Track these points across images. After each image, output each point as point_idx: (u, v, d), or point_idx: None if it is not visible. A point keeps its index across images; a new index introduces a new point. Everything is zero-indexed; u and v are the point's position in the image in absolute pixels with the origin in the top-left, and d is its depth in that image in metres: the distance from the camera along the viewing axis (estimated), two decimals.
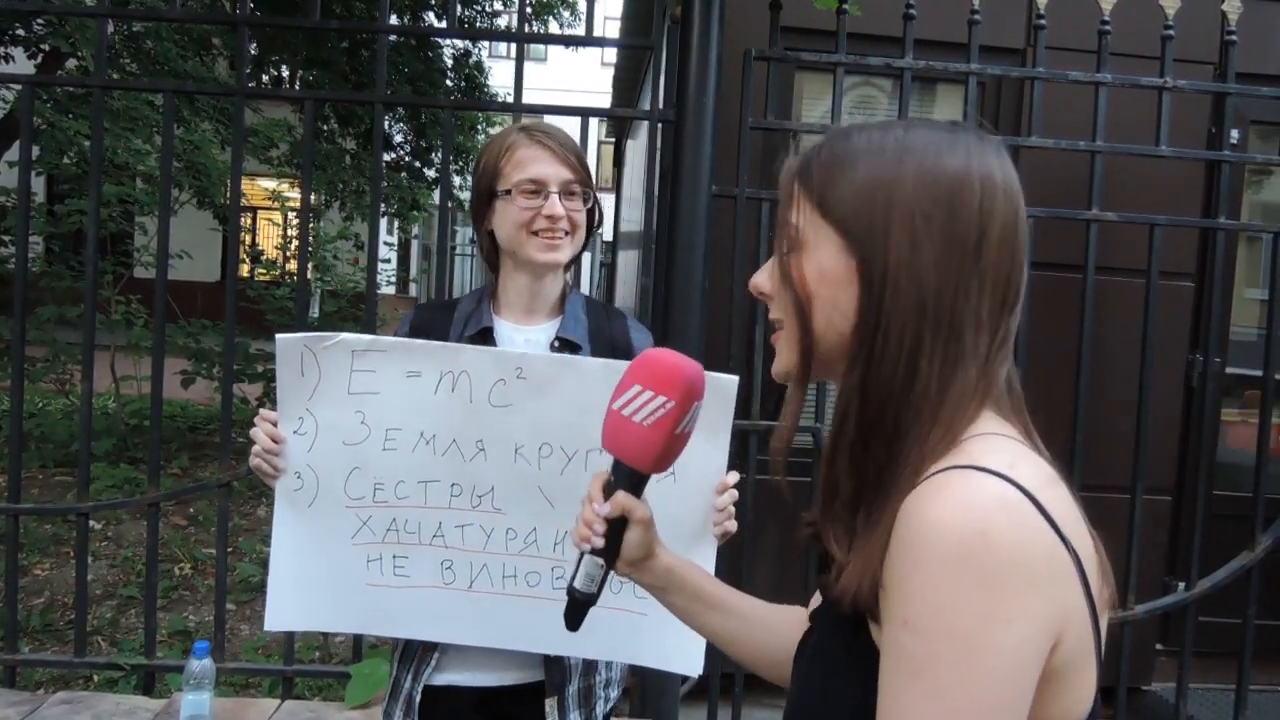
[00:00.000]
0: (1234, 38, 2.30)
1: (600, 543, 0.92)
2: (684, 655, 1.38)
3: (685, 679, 2.30)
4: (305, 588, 1.37)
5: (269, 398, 5.69)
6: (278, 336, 1.30)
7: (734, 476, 1.33)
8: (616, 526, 0.93)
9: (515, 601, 1.34)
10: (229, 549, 4.46)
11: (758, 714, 3.29)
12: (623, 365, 1.30)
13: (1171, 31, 2.28)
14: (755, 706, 3.30)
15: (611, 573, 0.95)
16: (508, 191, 1.34)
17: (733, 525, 1.34)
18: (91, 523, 4.50)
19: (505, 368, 1.28)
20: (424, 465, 1.31)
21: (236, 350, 5.91)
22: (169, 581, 3.92)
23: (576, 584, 0.93)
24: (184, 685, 2.03)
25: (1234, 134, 3.16)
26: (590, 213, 1.40)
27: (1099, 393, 2.43)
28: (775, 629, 0.96)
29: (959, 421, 0.70)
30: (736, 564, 2.24)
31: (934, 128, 0.75)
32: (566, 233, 1.36)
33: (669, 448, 0.90)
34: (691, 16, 2.19)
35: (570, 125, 2.18)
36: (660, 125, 2.32)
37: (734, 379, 1.30)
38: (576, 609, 0.94)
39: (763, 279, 0.82)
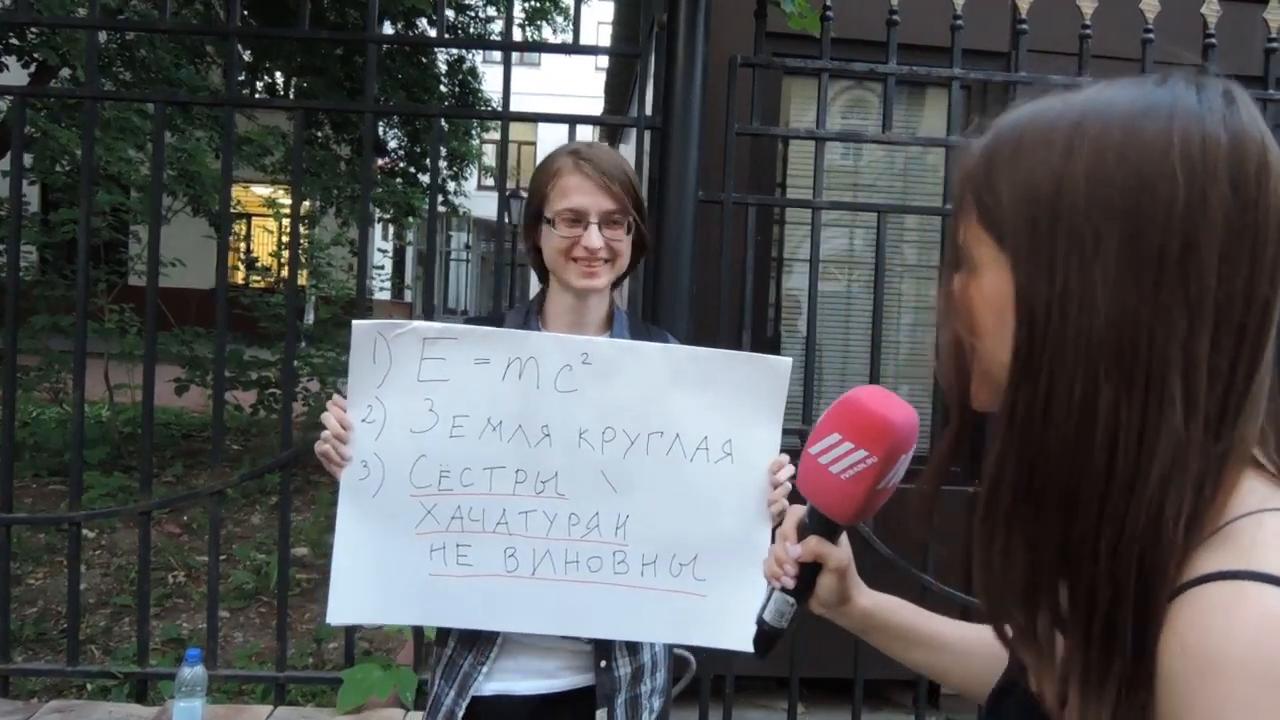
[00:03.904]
0: (1213, 40, 2.32)
1: (791, 583, 0.87)
2: (741, 632, 1.40)
3: (676, 680, 2.31)
4: (368, 580, 1.36)
5: (263, 405, 5.70)
6: (354, 323, 1.32)
7: (785, 457, 1.35)
8: (810, 567, 0.87)
9: (578, 588, 1.36)
10: (223, 556, 4.48)
11: (750, 715, 3.31)
12: (680, 348, 1.39)
13: (1151, 35, 2.31)
14: (747, 707, 3.31)
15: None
16: (550, 221, 1.37)
17: (786, 504, 1.34)
18: (85, 531, 4.52)
19: (571, 353, 1.32)
20: (490, 451, 1.33)
21: (230, 357, 5.95)
22: (162, 589, 3.92)
23: (766, 616, 0.90)
24: (176, 693, 2.04)
25: None
26: (636, 238, 1.42)
27: None
28: (973, 653, 0.89)
29: (1185, 493, 0.53)
30: None
31: (1129, 89, 0.57)
32: (606, 260, 1.38)
33: (870, 502, 0.81)
34: (677, 24, 2.21)
35: (559, 132, 2.21)
36: (649, 131, 2.33)
37: (788, 361, 1.34)
38: (765, 640, 0.92)
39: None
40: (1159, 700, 0.51)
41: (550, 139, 2.22)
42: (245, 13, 7.51)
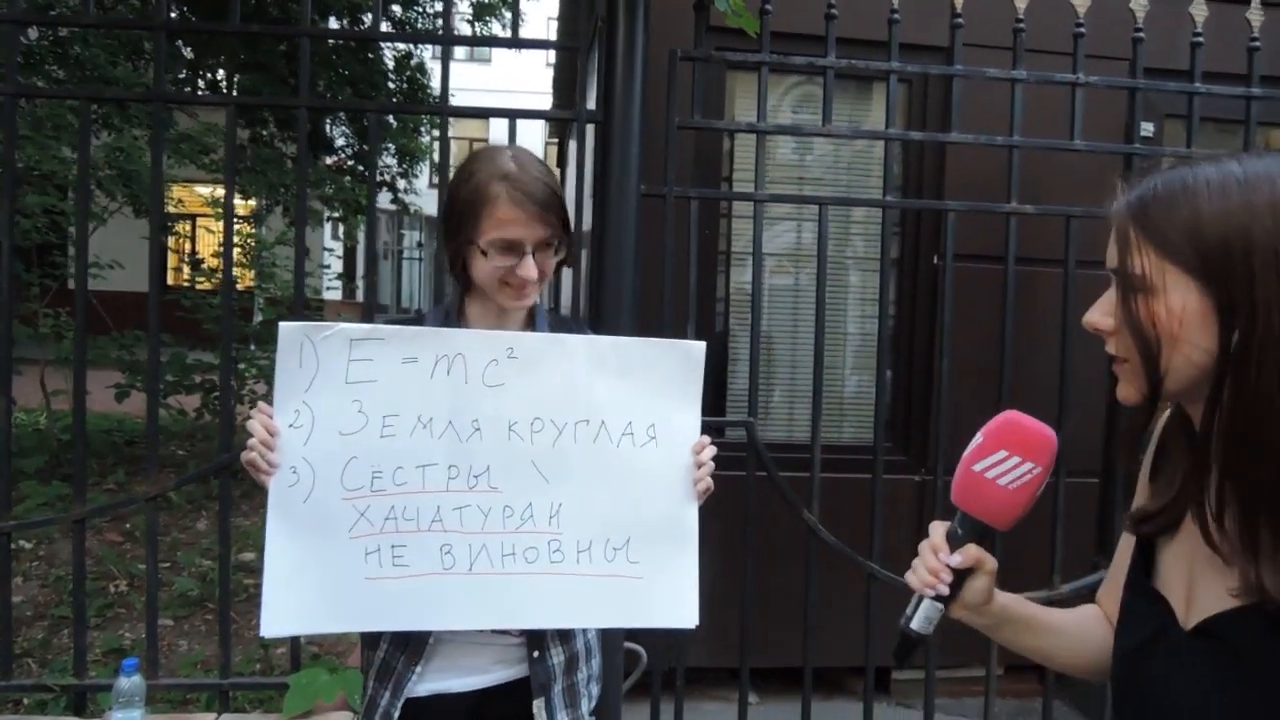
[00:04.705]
0: (1141, 34, 2.38)
1: (946, 590, 0.97)
2: (679, 611, 1.44)
3: (627, 675, 2.31)
4: (301, 589, 1.35)
5: (208, 409, 5.59)
6: (280, 325, 1.31)
7: (707, 438, 1.42)
8: (959, 575, 0.98)
9: (516, 580, 1.37)
10: (167, 564, 4.39)
11: (706, 706, 3.32)
12: (602, 338, 1.44)
13: (1083, 29, 2.35)
14: (702, 699, 3.33)
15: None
16: (484, 252, 1.38)
17: (710, 483, 1.42)
18: (22, 542, 4.39)
19: (498, 348, 1.35)
20: (421, 449, 1.34)
21: (173, 361, 5.82)
22: (103, 599, 3.83)
23: (915, 625, 0.99)
24: (113, 704, 1.98)
25: (1149, 127, 3.27)
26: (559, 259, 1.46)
27: (1025, 380, 2.49)
28: (1088, 635, 1.05)
29: None
30: (736, 555, 2.32)
31: (1269, 157, 0.79)
32: (533, 287, 1.42)
33: (1028, 509, 0.95)
34: (616, 17, 2.20)
35: (525, 128, 2.20)
36: (592, 126, 2.32)
37: (701, 345, 1.41)
38: (909, 647, 1.00)
39: (1099, 317, 0.88)
40: None
41: (502, 136, 2.20)
42: (185, 8, 7.34)
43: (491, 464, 1.36)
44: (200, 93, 8.42)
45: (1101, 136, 2.58)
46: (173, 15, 3.91)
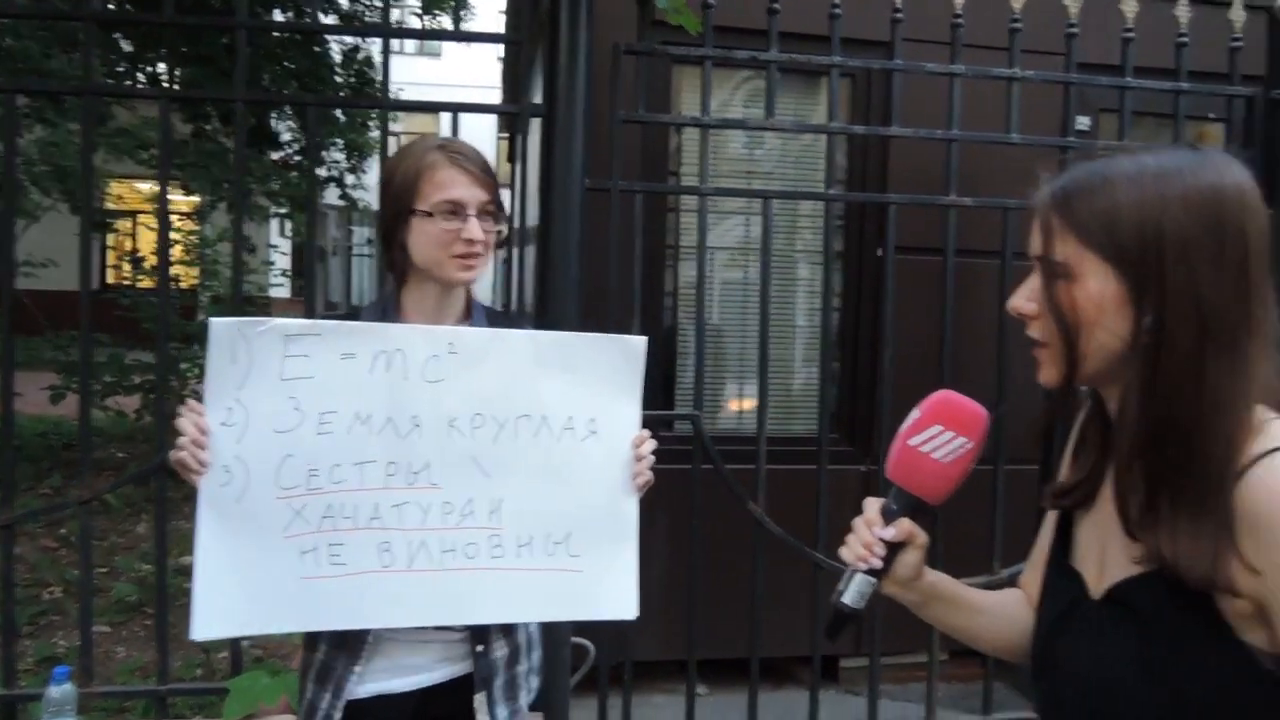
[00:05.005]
0: (1075, 30, 2.43)
1: (879, 564, 0.99)
2: (619, 603, 1.44)
3: (575, 669, 2.31)
4: (234, 591, 1.32)
5: (148, 410, 5.45)
6: (211, 320, 1.28)
7: (647, 431, 1.43)
8: (892, 549, 1.00)
9: (456, 576, 1.36)
10: (104, 569, 4.28)
11: (656, 699, 3.33)
12: (542, 333, 1.43)
13: (1019, 24, 2.40)
14: (652, 692, 3.34)
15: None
16: (428, 213, 1.37)
17: (650, 476, 1.42)
18: None
19: (438, 343, 1.34)
20: (359, 446, 1.32)
21: (111, 361, 5.67)
22: (36, 607, 3.72)
23: (847, 600, 1.00)
24: (44, 713, 1.93)
25: (1085, 121, 3.34)
26: (499, 231, 1.46)
27: (966, 370, 2.54)
28: (1013, 616, 1.09)
29: (1249, 414, 0.80)
30: (685, 548, 2.32)
31: (1181, 150, 0.83)
32: (481, 253, 1.41)
33: (960, 483, 0.99)
34: (559, 10, 2.19)
35: (466, 124, 2.17)
36: (538, 120, 2.31)
37: (643, 340, 1.41)
38: (842, 622, 1.02)
39: (1022, 302, 0.91)
40: (1255, 535, 0.76)
41: (460, 131, 2.17)
42: (123, 0, 7.14)
43: (431, 460, 1.35)
44: (141, 86, 8.21)
45: (1042, 130, 2.63)
46: (109, 5, 3.80)
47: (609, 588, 1.42)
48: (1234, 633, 0.79)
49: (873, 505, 1.03)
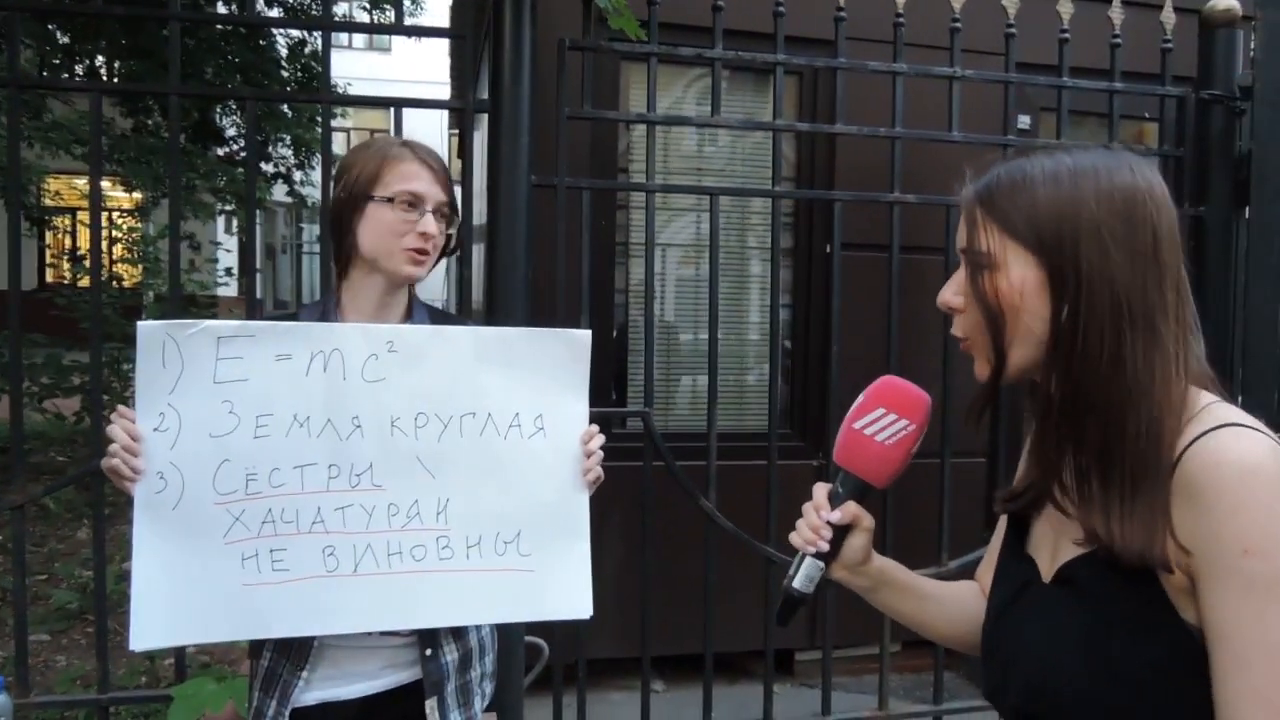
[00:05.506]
0: (1013, 30, 2.47)
1: (826, 547, 1.01)
2: (573, 602, 1.43)
3: (527, 670, 2.30)
4: (174, 599, 1.29)
5: (87, 412, 5.29)
6: (139, 325, 1.25)
7: (595, 427, 1.42)
8: (839, 532, 1.02)
9: (404, 579, 1.34)
10: (44, 575, 4.16)
11: (613, 696, 3.34)
12: (485, 329, 1.40)
13: (959, 24, 2.44)
14: (609, 690, 3.34)
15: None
16: (389, 199, 1.35)
17: (600, 473, 1.42)
18: None
19: (377, 342, 1.32)
20: (299, 449, 1.30)
21: (49, 362, 5.51)
22: None
23: (796, 584, 1.01)
24: None
25: (1026, 120, 3.41)
26: (449, 236, 1.46)
27: (913, 364, 2.57)
28: (965, 604, 1.11)
29: (1176, 395, 0.83)
30: (638, 545, 2.32)
31: (1096, 151, 0.89)
32: (431, 251, 1.40)
33: (904, 466, 1.01)
34: (503, 5, 2.17)
35: (418, 120, 2.14)
36: (485, 116, 2.29)
37: (587, 333, 1.40)
38: (793, 607, 1.02)
39: (950, 296, 0.94)
40: (1191, 504, 0.79)
41: (409, 127, 2.13)
42: None
43: (374, 462, 1.33)
44: (79, 79, 7.97)
45: (983, 128, 2.67)
46: None
47: (562, 587, 1.41)
48: (1176, 612, 0.81)
49: (820, 490, 1.05)
